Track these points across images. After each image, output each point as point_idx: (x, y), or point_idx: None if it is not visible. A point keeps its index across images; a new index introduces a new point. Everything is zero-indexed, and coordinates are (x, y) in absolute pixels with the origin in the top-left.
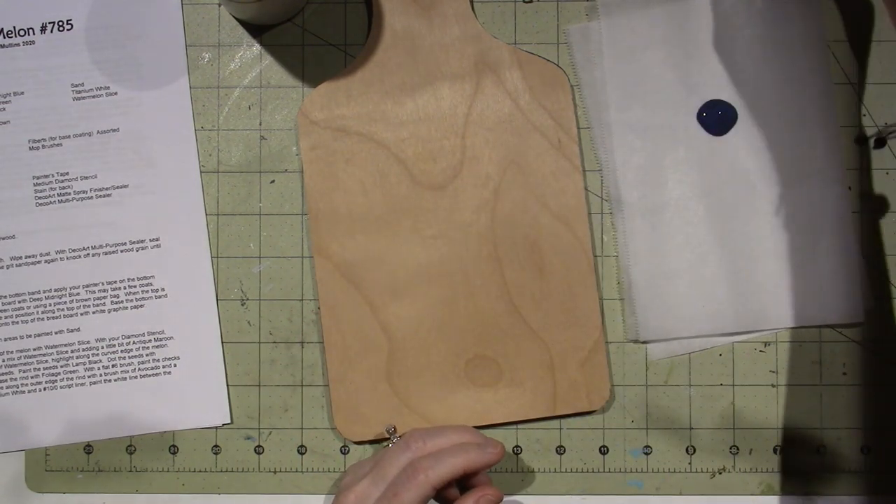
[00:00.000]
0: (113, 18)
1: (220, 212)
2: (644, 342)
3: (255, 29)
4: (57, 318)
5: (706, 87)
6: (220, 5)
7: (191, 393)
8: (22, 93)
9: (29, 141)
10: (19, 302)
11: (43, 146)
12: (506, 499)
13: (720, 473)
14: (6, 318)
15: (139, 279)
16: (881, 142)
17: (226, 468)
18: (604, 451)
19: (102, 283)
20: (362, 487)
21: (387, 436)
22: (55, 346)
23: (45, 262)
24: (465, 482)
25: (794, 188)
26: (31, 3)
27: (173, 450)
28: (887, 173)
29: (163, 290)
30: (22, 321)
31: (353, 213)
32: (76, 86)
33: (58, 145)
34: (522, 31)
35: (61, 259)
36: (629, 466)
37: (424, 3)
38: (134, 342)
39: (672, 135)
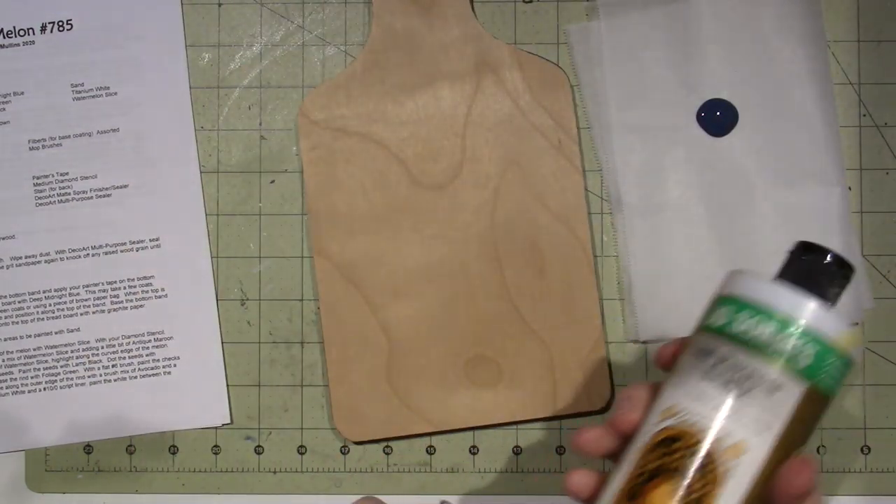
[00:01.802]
0: (113, 18)
1: (220, 212)
2: (644, 342)
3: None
4: (57, 318)
5: (706, 87)
6: (220, 5)
7: (191, 393)
8: (22, 93)
9: (29, 141)
10: (19, 302)
11: (43, 146)
12: (506, 499)
13: None
14: (6, 318)
15: (139, 279)
16: None
17: (226, 468)
18: None
19: (102, 283)
20: None
21: None
22: (55, 346)
23: (45, 262)
24: None
25: (794, 188)
26: (31, 3)
27: (173, 450)
28: (887, 173)
29: (163, 290)
30: (22, 321)
31: (353, 213)
32: (76, 86)
33: (58, 145)
34: (522, 31)
35: (61, 259)
36: None
37: (424, 3)
38: (134, 342)
39: (672, 135)
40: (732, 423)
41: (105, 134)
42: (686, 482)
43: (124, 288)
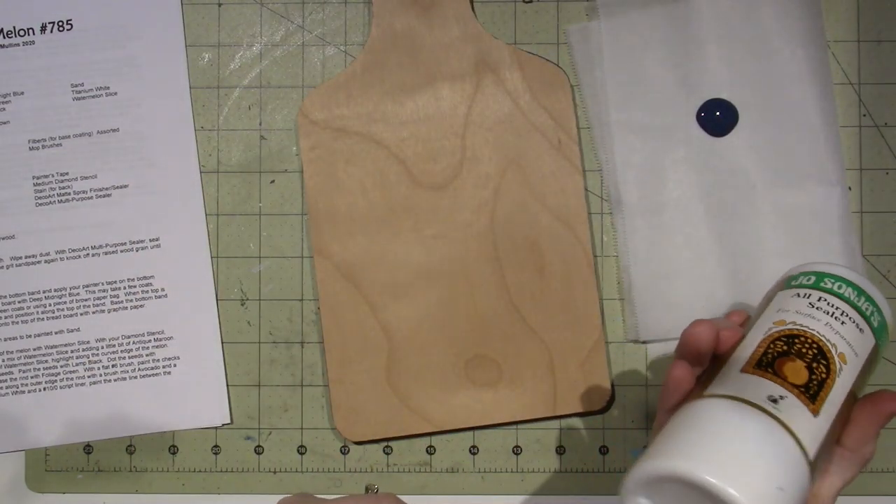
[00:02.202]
0: (113, 18)
1: (220, 212)
2: (644, 342)
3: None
4: (57, 318)
5: (706, 87)
6: (220, 5)
7: (191, 393)
8: (22, 93)
9: (29, 141)
10: (19, 302)
11: (43, 146)
12: (506, 499)
13: None
14: (6, 318)
15: (139, 279)
16: None
17: (226, 468)
18: (604, 451)
19: (102, 283)
20: None
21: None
22: (55, 346)
23: (45, 262)
24: None
25: (794, 188)
26: (31, 3)
27: (173, 450)
28: (887, 173)
29: (163, 290)
30: (22, 321)
31: (353, 213)
32: (76, 86)
33: (58, 145)
34: (522, 31)
35: (61, 259)
36: (629, 466)
37: (424, 3)
38: (134, 342)
39: (672, 135)
40: (837, 339)
41: (105, 134)
42: (813, 364)
43: (124, 288)
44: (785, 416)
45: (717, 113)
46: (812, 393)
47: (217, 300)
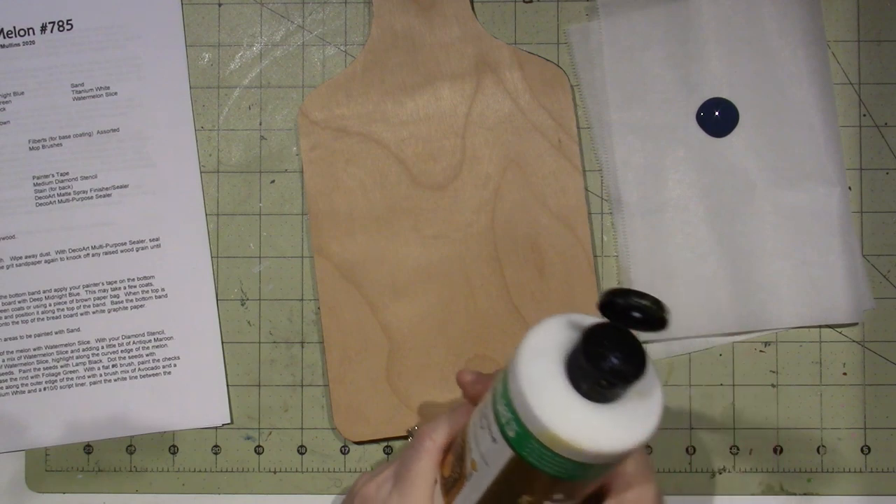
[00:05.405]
0: (113, 18)
1: (220, 212)
2: (644, 342)
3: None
4: (57, 318)
5: (706, 87)
6: (220, 5)
7: (191, 393)
8: (22, 93)
9: (29, 141)
10: (19, 302)
11: (43, 146)
12: None
13: (720, 473)
14: (6, 318)
15: (139, 279)
16: None
17: (226, 468)
18: None
19: (102, 283)
20: (381, 478)
21: (407, 435)
22: (55, 346)
23: (45, 262)
24: None
25: (794, 188)
26: (31, 3)
27: (173, 450)
28: (887, 173)
29: (163, 290)
30: (22, 321)
31: (353, 213)
32: (76, 86)
33: (58, 145)
34: (522, 31)
35: (61, 259)
36: None
37: (424, 3)
38: (134, 342)
39: (672, 135)
40: (474, 443)
41: (105, 134)
42: (455, 461)
43: (124, 288)
44: (436, 500)
45: (717, 113)
46: (448, 487)
47: (217, 300)
